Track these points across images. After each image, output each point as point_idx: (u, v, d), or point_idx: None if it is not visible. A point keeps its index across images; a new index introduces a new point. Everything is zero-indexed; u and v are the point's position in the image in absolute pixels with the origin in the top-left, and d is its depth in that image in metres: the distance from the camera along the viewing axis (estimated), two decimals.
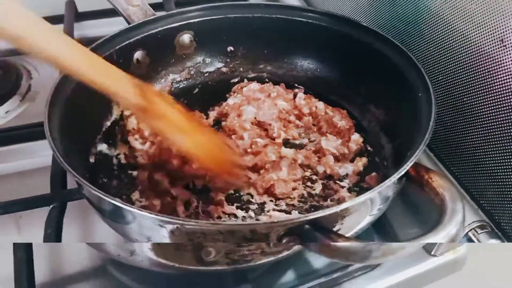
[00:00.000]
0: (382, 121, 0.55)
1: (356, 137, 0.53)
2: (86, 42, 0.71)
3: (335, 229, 0.37)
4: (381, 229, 0.47)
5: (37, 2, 0.79)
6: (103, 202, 0.39)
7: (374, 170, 0.50)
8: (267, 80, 0.63)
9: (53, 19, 0.77)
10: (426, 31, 0.52)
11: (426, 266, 0.46)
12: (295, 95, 0.58)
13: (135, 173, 0.50)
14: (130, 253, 0.38)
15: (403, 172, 0.38)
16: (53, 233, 0.44)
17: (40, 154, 0.59)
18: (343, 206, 0.36)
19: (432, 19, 0.51)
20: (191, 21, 0.60)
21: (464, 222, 0.36)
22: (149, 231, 0.38)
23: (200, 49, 0.62)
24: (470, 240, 0.45)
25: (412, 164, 0.39)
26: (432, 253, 0.46)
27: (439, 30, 0.50)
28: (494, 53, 0.44)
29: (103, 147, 0.53)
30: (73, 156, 0.44)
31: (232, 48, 0.63)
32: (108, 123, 0.55)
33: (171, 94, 0.61)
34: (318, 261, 0.47)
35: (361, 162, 0.51)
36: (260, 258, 0.38)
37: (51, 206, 0.48)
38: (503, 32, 0.42)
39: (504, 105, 0.43)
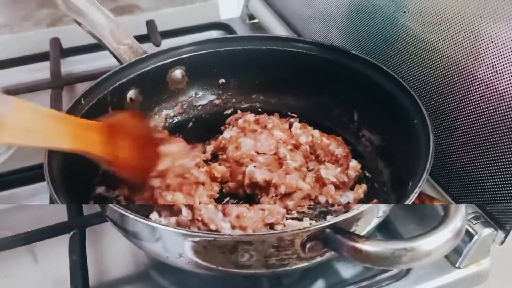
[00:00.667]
0: (377, 146, 0.57)
1: (354, 164, 0.55)
2: (73, 78, 0.75)
3: (351, 230, 0.40)
4: (385, 229, 0.51)
5: (22, 40, 0.82)
6: (130, 222, 0.41)
7: (374, 196, 0.52)
8: (260, 110, 0.65)
9: (39, 57, 0.79)
10: (416, 57, 0.54)
11: (450, 278, 0.49)
12: (290, 125, 0.60)
13: None
14: (179, 255, 0.40)
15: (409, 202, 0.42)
16: (79, 259, 0.45)
17: None
18: (360, 209, 0.39)
19: (421, 46, 0.53)
20: (182, 56, 0.61)
21: (466, 215, 0.40)
22: (179, 248, 0.39)
23: (192, 83, 0.65)
24: (466, 230, 0.48)
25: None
26: (457, 265, 0.49)
27: (428, 56, 0.53)
28: (485, 76, 0.47)
29: (101, 189, 0.53)
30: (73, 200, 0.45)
31: (223, 80, 0.65)
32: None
33: (166, 129, 0.63)
34: (347, 270, 0.49)
35: (361, 190, 0.53)
36: (296, 263, 0.40)
37: (72, 232, 0.49)
38: (495, 59, 0.45)
39: (495, 125, 0.47)
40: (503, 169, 0.47)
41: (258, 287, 0.46)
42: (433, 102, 0.53)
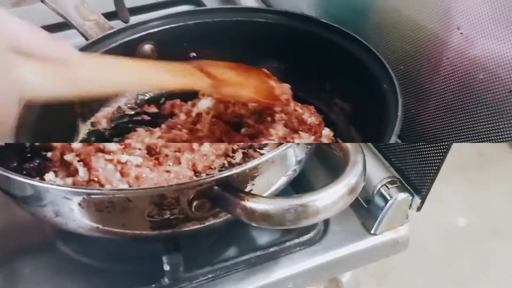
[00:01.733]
0: (349, 113, 0.55)
1: (327, 132, 0.54)
2: None
3: (247, 189, 0.38)
4: (301, 188, 0.48)
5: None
6: (5, 181, 0.38)
7: None
8: None
9: None
10: (385, 24, 0.52)
11: (365, 244, 0.47)
12: None
13: (49, 154, 0.49)
14: (55, 214, 0.37)
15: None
16: None
17: None
18: (249, 164, 0.36)
19: (390, 13, 0.51)
20: (151, 31, 0.58)
21: (365, 172, 0.37)
22: (55, 206, 0.37)
23: (162, 57, 0.58)
24: (382, 195, 0.47)
25: None
26: (372, 231, 0.47)
27: (396, 21, 0.51)
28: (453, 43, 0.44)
29: None
30: None
31: (194, 54, 0.61)
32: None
33: (137, 106, 0.59)
34: (255, 234, 0.48)
35: None
36: (186, 224, 0.38)
37: None
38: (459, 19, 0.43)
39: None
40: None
41: (155, 253, 0.44)
42: (401, 67, 0.51)
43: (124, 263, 0.46)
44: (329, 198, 0.35)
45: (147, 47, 0.59)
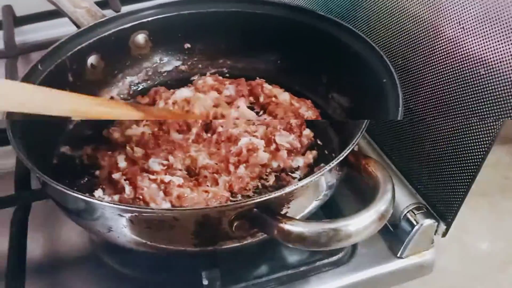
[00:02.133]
0: (347, 108, 0.56)
1: (307, 132, 0.56)
2: (29, 47, 0.73)
3: (282, 212, 0.41)
4: (330, 212, 0.50)
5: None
6: (63, 196, 0.42)
7: (323, 161, 0.54)
8: (228, 75, 0.64)
9: None
10: (384, 17, 0.53)
11: (391, 267, 0.49)
12: (261, 86, 0.60)
13: (97, 172, 0.53)
14: (108, 229, 0.40)
15: (341, 158, 0.42)
16: (19, 233, 0.46)
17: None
18: (286, 189, 0.39)
19: (388, 6, 0.52)
20: (144, 20, 0.59)
21: (394, 200, 0.40)
22: (109, 222, 0.40)
23: (156, 49, 0.62)
24: (408, 220, 0.49)
25: (351, 152, 0.43)
26: (398, 255, 0.49)
27: (395, 14, 0.52)
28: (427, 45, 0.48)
29: (65, 148, 0.55)
30: (36, 158, 0.45)
31: (189, 45, 0.63)
32: (71, 126, 0.57)
33: (130, 97, 0.62)
34: (286, 253, 0.50)
35: (311, 155, 0.54)
36: (226, 242, 0.41)
37: (16, 207, 0.50)
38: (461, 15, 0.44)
39: (436, 100, 0.48)
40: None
41: (195, 267, 0.46)
42: (400, 62, 0.52)
43: (164, 276, 0.48)
44: (361, 224, 0.37)
45: (141, 36, 0.60)
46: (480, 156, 0.44)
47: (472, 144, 0.45)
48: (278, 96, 0.59)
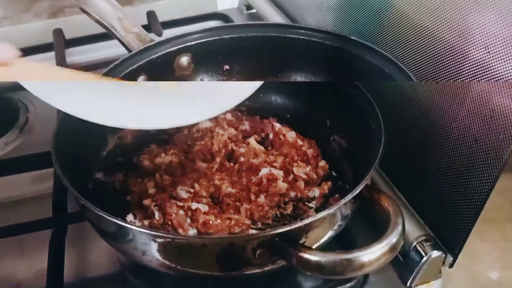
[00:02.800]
0: (345, 149, 0.63)
1: (322, 164, 0.61)
2: (78, 68, 0.79)
3: (301, 241, 0.45)
4: (344, 242, 0.54)
5: (23, 32, 0.86)
6: (103, 221, 0.46)
7: (337, 192, 0.58)
8: (245, 111, 0.70)
9: (44, 48, 0.84)
10: (411, 39, 0.57)
11: None
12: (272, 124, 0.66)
13: (128, 197, 0.57)
14: (142, 253, 0.45)
15: (356, 193, 0.45)
16: (56, 255, 0.51)
17: (39, 182, 0.66)
18: (305, 221, 0.43)
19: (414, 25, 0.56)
20: (189, 44, 0.64)
21: (404, 233, 0.43)
22: (143, 246, 0.44)
23: (198, 70, 0.67)
24: (417, 251, 0.52)
25: (365, 186, 0.47)
26: (407, 284, 0.52)
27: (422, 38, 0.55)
28: (430, 92, 0.52)
29: (99, 175, 0.60)
30: (75, 183, 0.49)
31: (228, 67, 0.68)
32: (104, 153, 0.62)
33: None
34: (302, 279, 0.53)
35: (326, 186, 0.59)
36: (248, 268, 0.44)
37: (53, 229, 0.55)
38: (436, 72, 0.51)
39: (441, 135, 0.52)
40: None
41: None
42: (391, 111, 0.56)
43: None
44: (373, 255, 0.41)
45: (184, 59, 0.64)
46: (487, 186, 0.47)
47: (480, 174, 0.47)
48: (286, 135, 0.65)
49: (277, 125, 0.66)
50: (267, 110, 0.70)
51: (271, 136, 0.66)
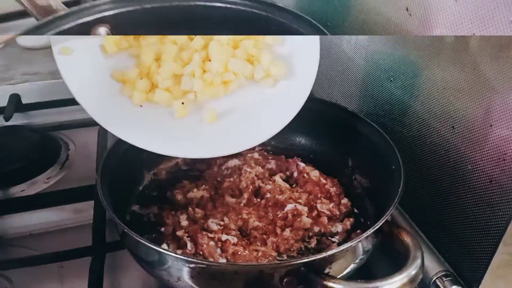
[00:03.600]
0: (366, 188, 0.67)
1: (345, 201, 0.65)
2: None
3: (325, 271, 0.48)
4: (365, 275, 0.55)
5: None
6: (143, 248, 0.50)
7: (359, 228, 0.61)
8: (271, 152, 0.75)
9: None
10: (399, 117, 0.65)
11: None
12: (297, 164, 0.71)
13: (162, 229, 0.61)
14: (177, 279, 0.48)
15: (377, 227, 0.49)
16: (96, 282, 0.55)
17: (79, 213, 0.71)
18: (329, 252, 0.47)
19: (402, 109, 0.64)
20: (106, 13, 0.57)
21: (423, 266, 0.46)
22: (178, 272, 0.48)
23: None
24: (437, 286, 0.54)
25: (385, 222, 0.50)
26: None
27: (407, 116, 0.63)
28: (447, 136, 0.56)
29: (136, 207, 0.64)
30: (115, 213, 0.54)
31: None
32: (141, 188, 0.68)
33: (191, 163, 0.73)
34: None
35: (349, 222, 0.62)
36: None
37: (92, 256, 0.59)
38: (454, 120, 0.55)
39: (458, 177, 0.55)
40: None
41: None
42: (411, 154, 0.62)
43: None
44: (393, 285, 0.44)
45: (102, 29, 0.57)
46: (502, 223, 0.49)
47: (495, 212, 0.50)
48: (310, 173, 0.69)
49: (302, 164, 0.71)
50: (292, 150, 0.75)
51: (295, 174, 0.70)
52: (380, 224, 0.49)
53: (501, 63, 0.47)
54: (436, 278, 0.54)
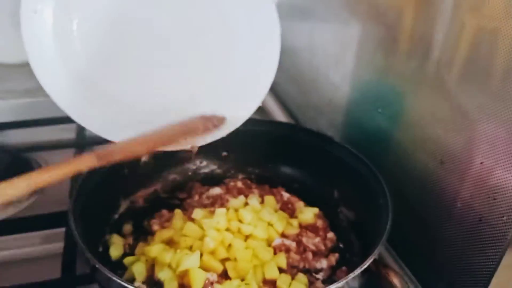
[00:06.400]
0: (352, 221, 0.65)
1: (331, 235, 0.62)
2: (95, 140, 0.82)
3: None
4: None
5: (46, 104, 0.90)
6: (114, 285, 0.46)
7: (345, 264, 0.58)
8: (254, 181, 0.73)
9: (66, 119, 0.86)
10: (387, 149, 0.64)
11: None
12: (280, 194, 0.69)
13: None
14: None
15: (364, 267, 0.46)
16: None
17: (49, 242, 0.66)
18: None
19: (390, 141, 0.63)
20: None
21: None
22: None
23: (198, 154, 0.69)
24: None
25: (373, 261, 0.48)
26: None
27: (395, 148, 0.62)
28: (436, 170, 0.55)
29: (109, 237, 0.60)
30: (87, 244, 0.51)
31: (225, 153, 0.74)
32: (116, 216, 0.64)
33: (171, 191, 0.71)
34: None
35: (334, 258, 0.59)
36: None
37: None
38: (442, 154, 0.54)
39: (447, 214, 0.54)
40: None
41: None
42: (398, 187, 0.61)
43: None
44: None
45: None
46: (493, 263, 0.48)
47: (485, 252, 0.49)
48: (294, 204, 0.67)
49: (286, 195, 0.68)
50: (276, 179, 0.73)
51: (279, 205, 0.67)
52: (367, 264, 0.47)
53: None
54: None
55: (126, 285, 0.44)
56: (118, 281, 0.45)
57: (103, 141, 0.82)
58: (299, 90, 0.91)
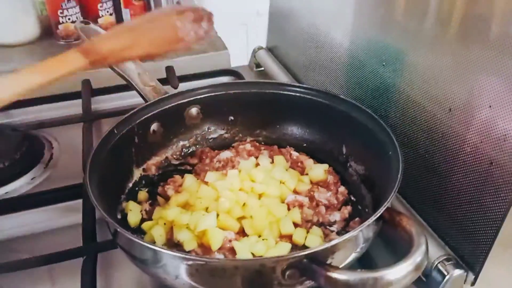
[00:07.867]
0: (362, 175, 0.65)
1: (342, 189, 0.64)
2: (102, 113, 0.85)
3: (327, 262, 0.46)
4: (366, 263, 0.55)
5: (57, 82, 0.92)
6: (137, 247, 0.48)
7: (357, 216, 0.60)
8: (263, 143, 0.74)
9: (72, 95, 0.90)
10: (393, 102, 0.64)
11: None
12: (289, 153, 0.70)
13: None
14: (175, 277, 0.46)
15: (378, 215, 0.47)
16: (89, 282, 0.53)
17: (67, 214, 0.68)
18: (332, 242, 0.45)
19: (396, 94, 0.63)
20: (198, 97, 0.72)
21: (427, 252, 0.45)
22: (176, 270, 0.46)
23: (205, 119, 0.74)
24: (439, 271, 0.53)
25: (386, 209, 0.49)
26: None
27: (401, 100, 0.62)
28: (444, 119, 0.55)
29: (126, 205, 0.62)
30: (105, 212, 0.52)
31: (232, 118, 0.75)
32: (130, 185, 0.65)
33: (181, 157, 0.72)
34: None
35: (346, 210, 0.61)
36: None
37: (84, 257, 0.57)
38: (451, 102, 0.54)
39: (456, 160, 0.54)
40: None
41: None
42: (405, 139, 0.62)
43: None
44: (399, 273, 0.42)
45: (194, 110, 0.72)
46: (504, 206, 0.49)
47: (495, 197, 0.49)
48: (304, 162, 0.68)
49: (295, 154, 0.69)
50: (284, 140, 0.74)
51: (289, 164, 0.68)
52: (381, 211, 0.48)
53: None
54: (438, 263, 0.54)
55: (149, 245, 0.45)
56: (141, 242, 0.46)
57: (109, 114, 0.85)
58: (300, 51, 0.90)
